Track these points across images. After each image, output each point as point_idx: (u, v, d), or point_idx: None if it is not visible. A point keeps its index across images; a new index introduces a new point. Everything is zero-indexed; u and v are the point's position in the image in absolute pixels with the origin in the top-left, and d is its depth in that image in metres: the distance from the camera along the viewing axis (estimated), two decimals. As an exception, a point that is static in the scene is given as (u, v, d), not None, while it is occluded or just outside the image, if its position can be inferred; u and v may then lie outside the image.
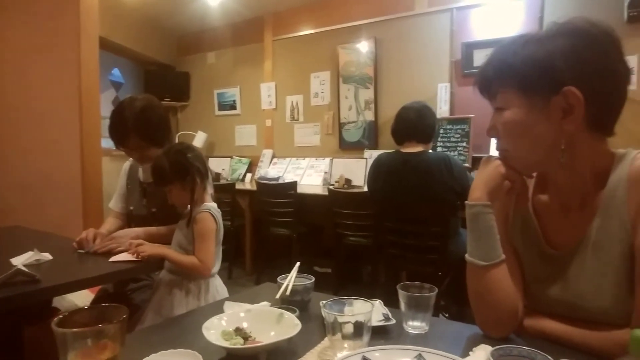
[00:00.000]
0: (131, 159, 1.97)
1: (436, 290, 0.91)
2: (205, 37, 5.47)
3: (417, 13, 4.04)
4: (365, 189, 2.88)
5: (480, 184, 0.89)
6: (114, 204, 2.00)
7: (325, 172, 4.42)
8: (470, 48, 3.74)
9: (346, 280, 3.72)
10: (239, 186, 4.44)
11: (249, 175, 5.00)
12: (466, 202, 0.90)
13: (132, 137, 1.74)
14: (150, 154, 1.79)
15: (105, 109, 4.41)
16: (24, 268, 1.23)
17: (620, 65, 0.79)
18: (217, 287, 1.63)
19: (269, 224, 3.95)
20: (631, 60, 3.09)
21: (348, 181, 4.07)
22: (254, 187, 4.10)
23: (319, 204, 3.81)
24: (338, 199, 3.42)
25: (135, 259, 1.49)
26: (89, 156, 2.90)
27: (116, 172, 2.06)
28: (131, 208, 1.94)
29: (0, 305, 1.15)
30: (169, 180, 1.55)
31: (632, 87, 3.04)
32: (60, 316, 0.69)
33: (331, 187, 3.76)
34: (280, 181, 4.20)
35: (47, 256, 1.47)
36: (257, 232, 4.30)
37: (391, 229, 2.70)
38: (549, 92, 0.78)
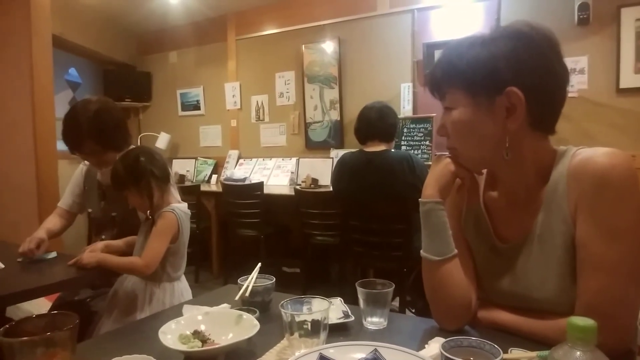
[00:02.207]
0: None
1: (393, 286, 0.93)
2: (166, 36, 5.35)
3: (379, 14, 4.10)
4: (332, 188, 2.90)
5: (431, 181, 0.93)
6: (64, 200, 1.93)
7: (292, 172, 4.42)
8: (431, 48, 3.83)
9: (315, 280, 3.73)
10: (204, 188, 4.37)
11: (214, 177, 4.93)
12: (419, 199, 0.93)
13: (87, 142, 1.69)
14: (107, 158, 1.74)
15: (61, 110, 4.22)
16: (-29, 278, 1.18)
17: (559, 66, 0.83)
18: (182, 290, 1.62)
19: (235, 225, 3.91)
20: (582, 61, 3.25)
21: (315, 181, 4.08)
22: (220, 189, 4.05)
23: (286, 204, 3.81)
24: (305, 199, 3.42)
25: None
26: (43, 159, 2.78)
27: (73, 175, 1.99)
28: (89, 210, 1.88)
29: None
30: (124, 185, 1.53)
31: (583, 86, 3.23)
32: (7, 326, 0.66)
33: (298, 187, 3.77)
34: (247, 182, 4.17)
35: (-3, 265, 1.41)
36: (224, 234, 4.25)
37: (357, 228, 2.73)
38: (493, 92, 0.82)
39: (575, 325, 0.53)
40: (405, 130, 3.85)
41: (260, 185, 3.77)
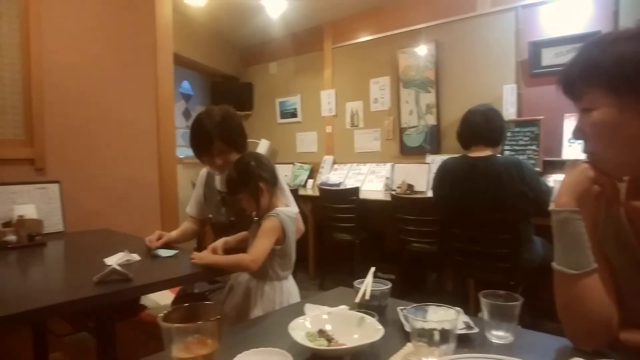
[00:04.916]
0: (205, 168, 2.06)
1: (522, 299, 0.88)
2: (266, 48, 5.65)
3: (479, 14, 3.93)
4: (429, 194, 2.83)
5: (566, 189, 0.86)
6: (190, 209, 2.11)
7: (387, 178, 4.39)
8: (538, 47, 3.58)
9: (410, 287, 3.67)
10: (301, 192, 4.51)
11: (310, 181, 5.08)
12: (552, 208, 0.87)
13: (216, 142, 1.85)
14: (231, 158, 1.86)
15: (177, 120, 4.68)
16: (118, 267, 1.34)
17: None
18: (290, 289, 1.69)
19: (331, 229, 3.99)
20: None
21: (410, 186, 4.02)
22: (316, 193, 4.16)
23: (381, 209, 3.80)
24: (401, 204, 3.39)
25: None
26: (165, 164, 3.11)
27: (187, 179, 2.17)
28: (210, 216, 2.04)
29: (98, 301, 1.26)
30: (237, 189, 1.63)
31: None
32: (165, 312, 0.75)
33: (393, 192, 3.73)
34: (342, 187, 4.23)
35: (135, 257, 1.58)
36: (320, 238, 4.35)
37: (458, 236, 2.63)
38: None
39: None
40: (509, 134, 3.62)
41: (356, 190, 3.81)
